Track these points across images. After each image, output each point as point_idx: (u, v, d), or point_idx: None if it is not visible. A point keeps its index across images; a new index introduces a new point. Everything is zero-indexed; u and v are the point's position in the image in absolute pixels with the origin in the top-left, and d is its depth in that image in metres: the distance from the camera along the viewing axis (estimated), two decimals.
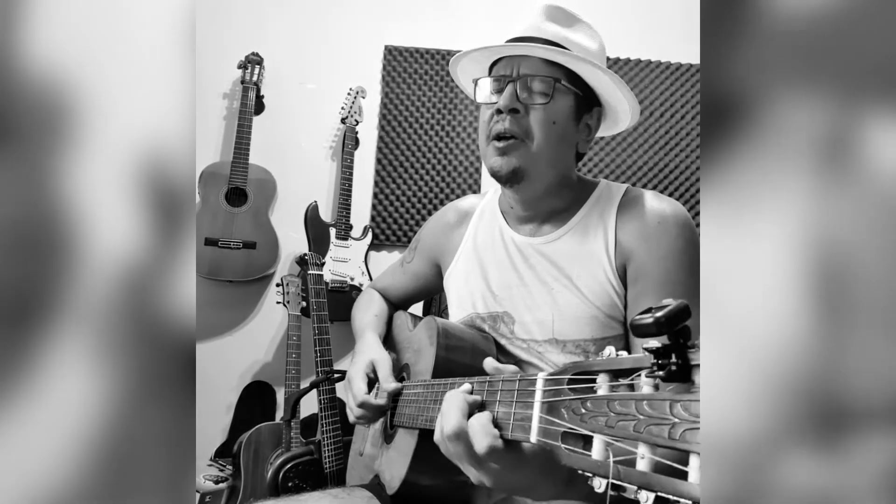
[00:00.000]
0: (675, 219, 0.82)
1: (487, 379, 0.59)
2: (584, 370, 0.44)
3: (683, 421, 0.32)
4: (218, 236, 2.00)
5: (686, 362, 0.34)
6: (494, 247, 0.95)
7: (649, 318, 0.35)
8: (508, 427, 0.52)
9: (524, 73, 0.83)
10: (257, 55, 2.15)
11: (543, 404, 0.47)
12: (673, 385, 0.34)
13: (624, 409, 0.37)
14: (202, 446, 1.97)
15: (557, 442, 0.43)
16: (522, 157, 0.83)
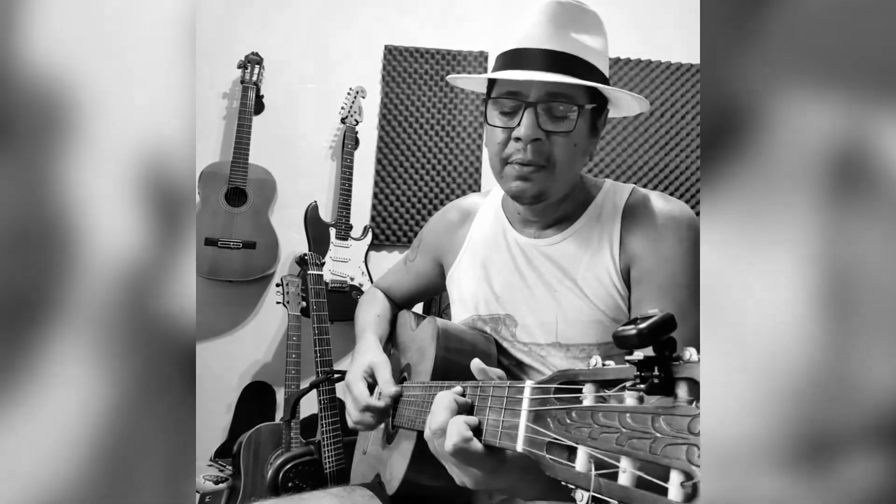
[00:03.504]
0: (680, 220, 0.81)
1: (480, 384, 0.59)
2: (571, 379, 0.44)
3: (665, 436, 0.32)
4: (218, 236, 2.00)
5: (669, 375, 0.33)
6: (497, 248, 0.94)
7: (632, 329, 0.35)
8: (497, 434, 0.52)
9: (544, 97, 0.77)
10: (257, 55, 2.15)
11: (530, 413, 0.47)
12: (656, 398, 0.34)
13: (608, 422, 0.37)
14: (202, 446, 1.97)
15: (542, 452, 0.43)
16: (545, 181, 0.80)
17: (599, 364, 0.41)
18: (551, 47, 0.78)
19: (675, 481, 0.31)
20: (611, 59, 2.29)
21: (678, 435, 0.31)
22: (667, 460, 0.31)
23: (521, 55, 0.79)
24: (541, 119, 0.78)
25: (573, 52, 0.78)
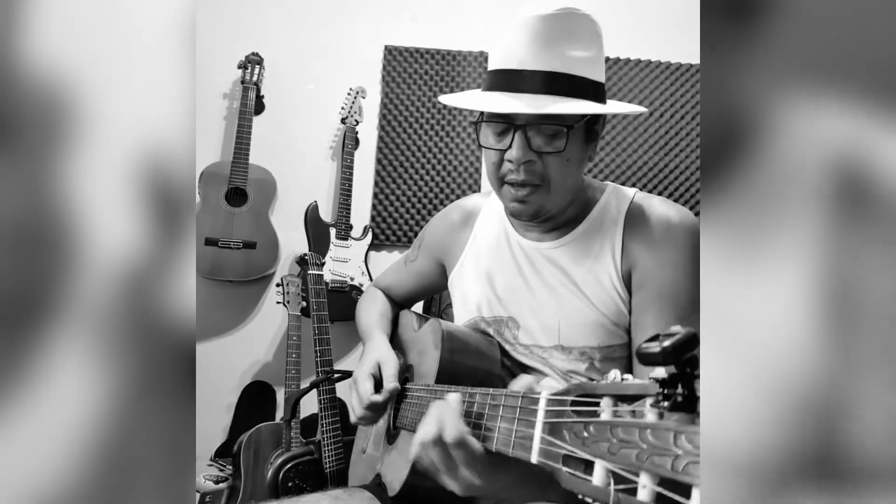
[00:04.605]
0: (682, 226, 0.81)
1: (491, 392, 0.59)
2: (589, 392, 0.43)
3: (687, 453, 0.31)
4: (218, 236, 2.00)
5: (692, 393, 0.33)
6: (500, 250, 0.94)
7: (656, 346, 0.34)
8: (509, 444, 0.52)
9: (533, 119, 0.76)
10: (257, 55, 2.15)
11: (546, 424, 0.46)
12: (678, 415, 0.34)
13: (627, 437, 0.36)
14: (202, 446, 1.97)
15: (558, 464, 0.43)
16: (541, 198, 0.80)
17: (618, 378, 0.41)
18: (536, 67, 0.75)
19: (696, 498, 0.31)
20: (611, 59, 2.29)
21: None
22: (689, 478, 0.31)
23: (506, 77, 0.77)
24: (531, 140, 0.77)
25: (560, 70, 0.75)
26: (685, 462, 0.31)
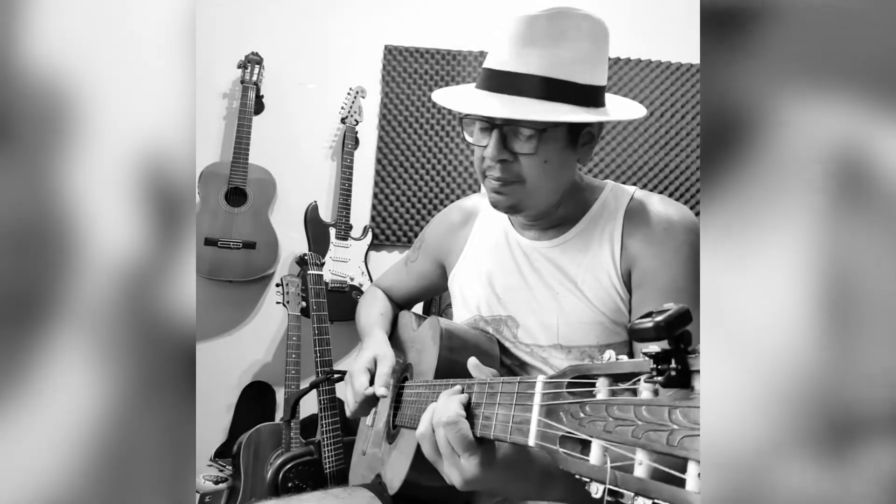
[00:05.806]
0: (681, 224, 0.81)
1: (488, 381, 0.59)
2: (584, 374, 0.44)
3: (682, 427, 0.32)
4: (218, 236, 2.00)
5: (686, 368, 0.34)
6: (499, 250, 0.94)
7: (649, 322, 0.35)
8: (507, 429, 0.52)
9: (508, 119, 0.76)
10: (257, 55, 2.15)
11: (542, 407, 0.47)
12: (672, 391, 0.34)
13: (622, 415, 0.37)
14: (202, 446, 1.97)
15: (556, 446, 0.43)
16: (518, 194, 0.81)
17: (614, 358, 0.41)
18: (517, 69, 0.75)
19: (692, 472, 0.31)
20: (611, 59, 2.29)
21: (695, 426, 0.31)
22: (684, 452, 0.31)
23: (490, 77, 0.79)
24: (508, 140, 0.78)
25: (538, 73, 0.74)
26: (680, 436, 0.32)
